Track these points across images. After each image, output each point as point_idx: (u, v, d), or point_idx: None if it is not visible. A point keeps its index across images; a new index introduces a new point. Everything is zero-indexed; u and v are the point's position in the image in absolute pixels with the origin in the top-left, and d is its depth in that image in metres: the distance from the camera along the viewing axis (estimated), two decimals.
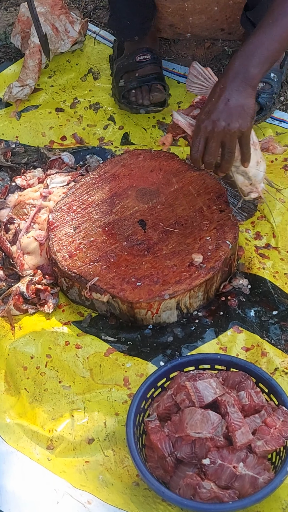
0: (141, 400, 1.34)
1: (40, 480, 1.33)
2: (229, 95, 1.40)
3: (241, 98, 1.40)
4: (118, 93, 1.99)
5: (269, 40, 1.42)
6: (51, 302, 1.60)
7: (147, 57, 1.95)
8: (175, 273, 1.54)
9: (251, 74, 1.41)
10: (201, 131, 1.43)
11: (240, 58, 1.42)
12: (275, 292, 1.60)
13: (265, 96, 1.90)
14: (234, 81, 1.41)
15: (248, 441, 1.26)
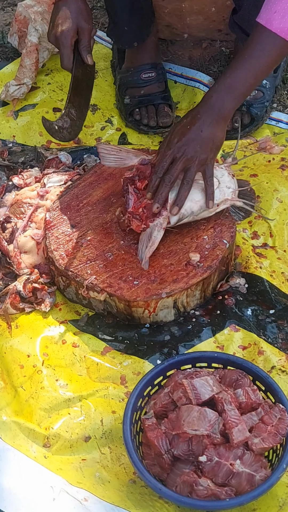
0: (138, 398, 1.35)
1: (37, 478, 1.33)
2: (203, 126, 1.48)
3: (213, 131, 1.49)
4: (124, 111, 1.99)
5: (246, 75, 1.48)
6: (48, 301, 1.60)
7: (152, 75, 1.95)
8: (172, 272, 1.54)
9: (226, 108, 1.49)
10: (170, 152, 1.49)
11: (217, 93, 1.49)
12: (272, 291, 1.61)
13: (257, 106, 1.91)
14: (209, 113, 1.49)
15: (245, 438, 1.27)
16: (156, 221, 1.52)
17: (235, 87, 1.48)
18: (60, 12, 1.58)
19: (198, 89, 2.02)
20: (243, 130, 1.90)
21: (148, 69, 1.96)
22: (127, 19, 1.87)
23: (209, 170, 1.51)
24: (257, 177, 1.81)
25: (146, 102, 1.95)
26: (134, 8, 1.85)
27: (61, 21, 1.58)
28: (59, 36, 1.58)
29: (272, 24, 1.43)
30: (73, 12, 1.58)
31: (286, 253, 1.69)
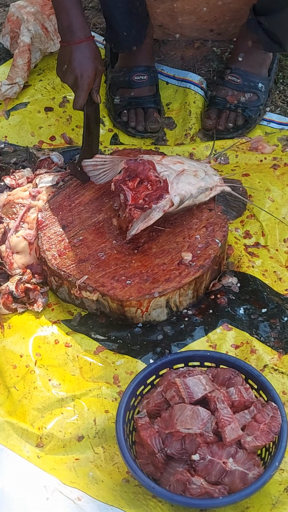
0: (130, 397, 1.35)
1: (30, 477, 1.32)
2: None
3: None
4: (113, 111, 1.99)
5: None
6: (40, 301, 1.60)
7: (144, 78, 1.95)
8: (164, 271, 1.54)
9: None
10: None
11: None
12: (264, 290, 1.61)
13: (252, 109, 1.92)
14: None
15: (237, 436, 1.27)
16: (160, 203, 1.53)
17: None
18: (75, 55, 1.62)
19: (189, 89, 2.03)
20: (236, 131, 1.91)
21: (141, 72, 1.96)
22: (126, 24, 1.87)
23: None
24: (249, 177, 1.82)
25: (136, 104, 1.95)
26: (131, 13, 1.85)
27: (79, 64, 1.63)
28: (79, 79, 1.63)
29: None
30: (91, 55, 1.64)
31: (278, 252, 1.70)
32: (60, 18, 1.64)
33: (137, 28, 1.91)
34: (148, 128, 1.94)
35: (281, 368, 1.47)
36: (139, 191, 1.56)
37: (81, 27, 1.63)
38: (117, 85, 1.99)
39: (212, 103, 1.94)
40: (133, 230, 1.52)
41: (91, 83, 1.64)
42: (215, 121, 1.90)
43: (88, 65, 1.62)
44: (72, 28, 1.62)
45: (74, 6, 1.62)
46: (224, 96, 1.92)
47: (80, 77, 1.62)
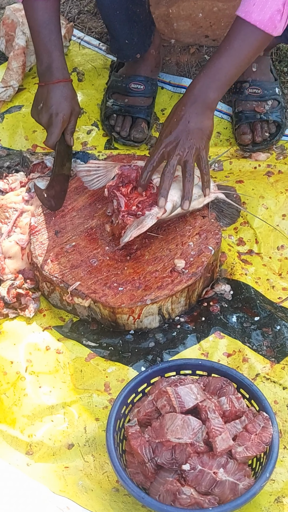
0: (121, 405, 1.34)
1: (19, 486, 1.31)
2: (189, 118, 1.52)
3: (200, 121, 1.52)
4: (104, 113, 1.99)
5: (227, 66, 1.52)
6: (32, 306, 1.59)
7: (141, 87, 1.94)
8: (157, 279, 1.54)
9: (210, 98, 1.52)
10: (162, 147, 1.52)
11: (199, 84, 1.52)
12: (257, 298, 1.60)
13: (278, 114, 1.92)
14: (194, 104, 1.52)
15: (228, 447, 1.26)
16: (152, 210, 1.53)
17: (218, 77, 1.52)
18: (52, 94, 1.63)
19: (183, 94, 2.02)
20: (273, 139, 1.91)
21: (139, 81, 1.95)
22: (127, 32, 1.86)
23: (203, 159, 1.54)
24: (243, 184, 1.81)
25: (126, 111, 1.95)
26: (132, 20, 1.84)
27: (55, 104, 1.63)
28: (54, 116, 1.63)
29: (251, 17, 1.47)
30: (68, 96, 1.65)
31: (271, 260, 1.69)
32: (41, 59, 1.66)
33: (139, 36, 1.90)
34: (132, 137, 1.93)
35: (273, 377, 1.47)
36: (132, 197, 1.56)
37: (60, 68, 1.65)
38: (114, 89, 1.98)
39: (241, 118, 1.93)
40: (126, 237, 1.52)
41: (65, 122, 1.65)
42: (251, 135, 1.90)
43: (64, 104, 1.64)
44: (51, 69, 1.64)
45: (56, 48, 1.64)
46: (251, 109, 1.92)
47: (55, 115, 1.63)
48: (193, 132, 1.52)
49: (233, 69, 1.53)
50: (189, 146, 1.52)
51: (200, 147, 1.53)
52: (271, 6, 1.45)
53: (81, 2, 2.33)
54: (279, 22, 1.48)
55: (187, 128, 1.52)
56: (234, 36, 1.50)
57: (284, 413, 1.42)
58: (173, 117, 1.54)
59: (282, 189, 1.80)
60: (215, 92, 1.52)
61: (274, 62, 2.09)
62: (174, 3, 2.09)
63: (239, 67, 1.54)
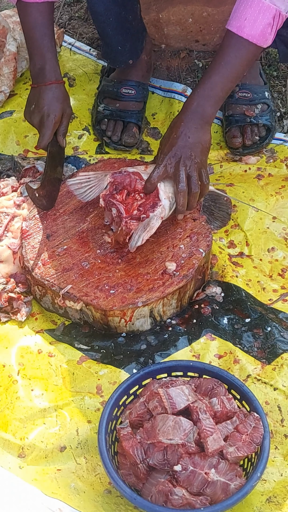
0: (113, 407, 1.34)
1: (11, 488, 1.31)
2: (189, 133, 1.54)
3: (199, 136, 1.55)
4: (95, 118, 2.00)
5: (223, 81, 1.55)
6: (24, 310, 1.59)
7: (132, 92, 1.96)
8: (148, 281, 1.54)
9: (207, 113, 1.55)
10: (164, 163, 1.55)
11: (197, 99, 1.55)
12: (248, 300, 1.61)
13: (268, 118, 1.94)
14: (192, 120, 1.55)
15: (219, 447, 1.27)
16: (156, 211, 1.54)
17: (214, 93, 1.55)
18: (44, 95, 1.65)
19: (173, 99, 2.04)
20: (263, 142, 1.92)
21: (130, 86, 1.97)
22: (119, 39, 1.88)
23: (205, 173, 1.57)
24: (234, 187, 1.83)
25: (116, 116, 1.96)
26: (124, 27, 1.86)
27: (47, 105, 1.64)
28: (45, 117, 1.64)
29: (244, 32, 1.50)
30: (59, 97, 1.66)
31: (262, 262, 1.70)
32: (34, 61, 1.67)
33: (132, 42, 1.91)
34: (123, 141, 1.94)
35: (264, 378, 1.48)
36: (129, 202, 1.56)
37: (53, 70, 1.66)
38: (105, 94, 1.99)
39: (231, 121, 1.95)
40: (138, 241, 1.52)
41: (57, 123, 1.66)
42: (242, 138, 1.91)
43: (55, 106, 1.65)
44: (44, 71, 1.65)
45: (48, 50, 1.66)
46: (241, 113, 1.94)
47: (46, 116, 1.64)
48: (194, 147, 1.55)
49: (228, 83, 1.56)
50: (191, 160, 1.54)
51: (202, 161, 1.56)
52: (262, 21, 1.48)
53: (72, 8, 2.35)
54: (270, 35, 1.52)
55: (187, 143, 1.54)
56: (228, 51, 1.53)
57: (275, 414, 1.43)
58: (172, 133, 1.56)
59: (272, 192, 1.82)
60: (212, 107, 1.56)
61: (264, 66, 2.11)
62: (164, 8, 2.11)
63: (234, 80, 1.57)
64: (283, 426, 1.42)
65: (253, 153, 1.92)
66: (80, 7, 2.35)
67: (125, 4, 1.80)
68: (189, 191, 1.55)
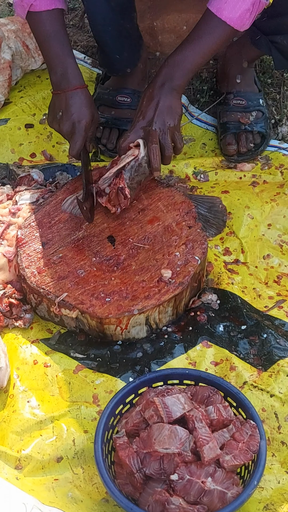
0: (109, 417, 1.34)
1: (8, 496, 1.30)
2: (158, 98, 1.59)
3: (169, 100, 1.59)
4: None
5: (193, 54, 1.59)
6: (26, 317, 1.59)
7: (127, 100, 1.96)
8: (144, 289, 1.54)
9: (176, 82, 1.59)
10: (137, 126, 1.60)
11: (166, 68, 1.60)
12: (244, 307, 1.61)
13: (263, 125, 1.94)
14: (161, 87, 1.59)
15: (216, 455, 1.26)
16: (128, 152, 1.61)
17: (184, 65, 1.59)
18: (71, 102, 1.63)
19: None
20: (258, 149, 1.93)
21: (126, 94, 1.97)
22: (118, 48, 1.88)
23: (178, 136, 1.61)
24: (229, 194, 1.83)
25: (112, 124, 1.96)
26: (122, 36, 1.86)
27: (76, 111, 1.63)
28: (77, 124, 1.63)
29: (223, 13, 1.54)
30: (87, 102, 1.66)
31: (257, 269, 1.70)
32: (54, 68, 1.65)
33: (129, 50, 1.92)
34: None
35: (261, 385, 1.47)
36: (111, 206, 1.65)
37: (76, 75, 1.65)
38: (101, 101, 2.00)
39: (226, 129, 1.95)
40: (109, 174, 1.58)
41: (88, 129, 1.65)
42: (236, 145, 1.92)
43: (85, 111, 1.64)
44: (67, 76, 1.64)
45: (68, 56, 1.65)
46: (236, 120, 1.94)
47: (77, 122, 1.63)
48: (164, 111, 1.59)
49: (199, 59, 1.60)
50: (163, 124, 1.58)
51: (174, 125, 1.59)
52: (241, 6, 1.52)
53: (67, 17, 2.35)
54: (248, 20, 1.56)
55: (158, 107, 1.58)
56: (203, 29, 1.58)
57: (272, 421, 1.43)
58: (144, 100, 1.61)
59: (267, 199, 1.82)
60: (181, 78, 1.59)
61: (258, 73, 2.11)
62: (159, 16, 2.11)
63: (205, 57, 1.61)
64: (280, 433, 1.42)
65: (248, 160, 1.92)
66: (74, 15, 2.35)
67: (124, 13, 1.81)
68: (162, 153, 1.58)
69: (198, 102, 2.08)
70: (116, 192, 1.60)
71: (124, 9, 1.81)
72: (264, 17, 1.86)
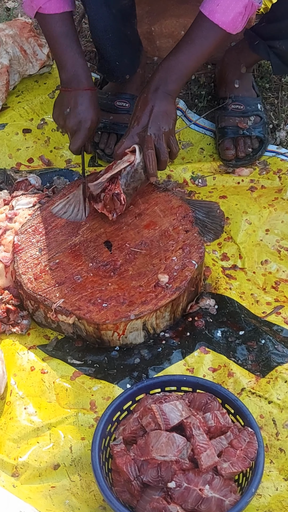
0: (106, 424, 1.33)
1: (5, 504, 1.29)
2: (153, 103, 1.60)
3: (164, 105, 1.59)
4: None
5: (187, 59, 1.60)
6: (24, 323, 1.58)
7: (126, 105, 1.96)
8: (141, 294, 1.54)
9: (170, 87, 1.60)
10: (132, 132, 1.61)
11: (160, 72, 1.61)
12: (242, 312, 1.61)
13: (261, 130, 1.94)
14: (155, 92, 1.60)
15: (213, 463, 1.26)
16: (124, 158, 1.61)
17: (177, 70, 1.60)
18: (81, 101, 1.67)
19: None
20: (256, 154, 1.92)
21: (124, 99, 1.97)
22: (118, 54, 1.88)
23: (173, 140, 1.61)
24: (226, 199, 1.82)
25: (110, 129, 1.96)
26: (123, 42, 1.86)
27: (85, 109, 1.67)
28: (83, 123, 1.66)
29: (215, 16, 1.54)
30: (95, 105, 1.69)
31: (255, 275, 1.70)
32: (66, 67, 1.67)
33: (129, 57, 1.92)
34: None
35: (259, 392, 1.47)
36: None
37: (88, 77, 1.69)
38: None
39: (224, 133, 1.95)
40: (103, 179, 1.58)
41: (92, 130, 1.68)
42: (235, 150, 1.91)
43: (92, 113, 1.67)
44: (78, 76, 1.67)
45: (80, 57, 1.68)
46: (234, 124, 1.94)
47: (84, 121, 1.66)
48: (159, 116, 1.59)
49: (192, 63, 1.60)
50: (158, 129, 1.58)
51: (169, 129, 1.60)
52: (234, 8, 1.52)
53: None
54: (240, 23, 1.55)
55: (152, 112, 1.59)
56: (196, 32, 1.58)
57: (270, 427, 1.42)
58: (138, 105, 1.61)
59: (265, 204, 1.81)
60: (174, 82, 1.60)
61: (256, 78, 2.11)
62: (157, 21, 2.11)
63: (198, 61, 1.61)
64: (278, 439, 1.41)
65: (246, 165, 1.92)
66: None
67: (125, 20, 1.81)
68: (158, 158, 1.59)
69: (196, 107, 2.08)
70: (111, 198, 1.60)
71: (126, 15, 1.81)
72: (262, 22, 1.86)
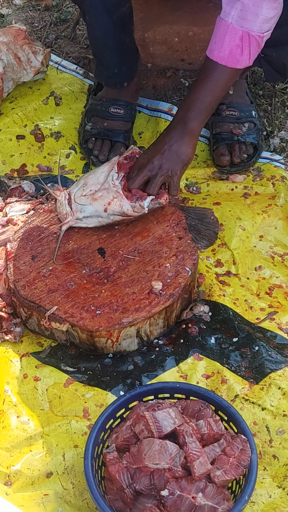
0: (99, 431, 1.33)
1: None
2: (168, 142, 1.61)
3: (178, 146, 1.60)
4: (82, 136, 1.99)
5: (203, 94, 1.61)
6: (17, 330, 1.58)
7: (121, 112, 1.96)
8: (134, 301, 1.53)
9: (188, 125, 1.61)
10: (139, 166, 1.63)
11: (180, 110, 1.64)
12: (235, 319, 1.60)
13: (255, 136, 1.94)
14: (173, 130, 1.62)
15: (206, 471, 1.25)
16: None
17: (195, 106, 1.61)
18: None
19: (160, 118, 2.04)
20: (250, 160, 1.92)
21: (119, 105, 1.97)
22: (116, 61, 1.89)
23: (174, 183, 1.61)
24: (220, 205, 1.83)
25: (104, 135, 1.96)
26: (122, 50, 1.87)
27: None
28: None
29: (213, 54, 1.56)
30: None
31: (249, 281, 1.70)
32: None
33: (128, 65, 1.93)
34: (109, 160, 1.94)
35: (252, 398, 1.46)
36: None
37: None
38: (93, 112, 1.99)
39: (219, 139, 1.95)
40: None
41: None
42: (230, 156, 1.92)
43: None
44: None
45: None
46: (229, 130, 1.94)
47: None
48: (168, 155, 1.59)
49: (209, 97, 1.62)
50: (161, 168, 1.59)
51: (172, 170, 1.58)
52: (229, 43, 1.53)
53: (59, 28, 2.36)
54: (241, 56, 1.55)
55: (162, 150, 1.60)
56: (204, 72, 1.62)
57: (264, 434, 1.42)
58: (156, 142, 1.64)
59: (258, 211, 1.81)
60: (193, 120, 1.61)
61: (250, 85, 2.11)
62: (150, 28, 2.12)
63: (214, 97, 1.63)
64: (272, 446, 1.41)
65: (240, 171, 1.92)
66: (66, 27, 2.36)
67: (124, 27, 1.82)
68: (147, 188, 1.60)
69: None
70: None
71: (125, 23, 1.82)
72: None
